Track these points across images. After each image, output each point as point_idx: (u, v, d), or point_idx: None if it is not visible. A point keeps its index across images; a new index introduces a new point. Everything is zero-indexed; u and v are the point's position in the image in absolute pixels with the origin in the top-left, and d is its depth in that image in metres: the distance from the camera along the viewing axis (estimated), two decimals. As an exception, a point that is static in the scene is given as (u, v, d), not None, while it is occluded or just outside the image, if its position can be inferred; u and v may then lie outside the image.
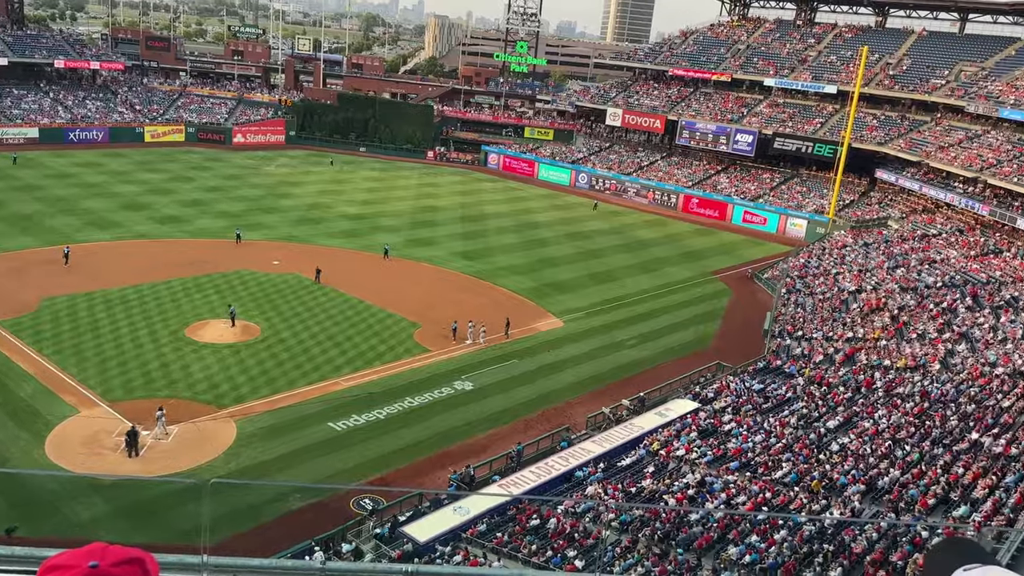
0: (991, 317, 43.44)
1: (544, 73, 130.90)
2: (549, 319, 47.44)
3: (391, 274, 52.48)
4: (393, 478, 28.99)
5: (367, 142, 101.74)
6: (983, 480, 24.82)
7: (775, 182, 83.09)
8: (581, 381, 39.29)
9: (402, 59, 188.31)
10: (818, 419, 33.14)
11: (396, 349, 40.44)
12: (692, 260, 63.81)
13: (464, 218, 71.34)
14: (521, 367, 40.08)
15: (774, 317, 49.09)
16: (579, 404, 36.68)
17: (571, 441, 32.10)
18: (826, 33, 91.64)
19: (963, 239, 59.85)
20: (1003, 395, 32.81)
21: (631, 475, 29.18)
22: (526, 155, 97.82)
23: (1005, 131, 66.37)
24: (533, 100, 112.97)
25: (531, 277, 54.96)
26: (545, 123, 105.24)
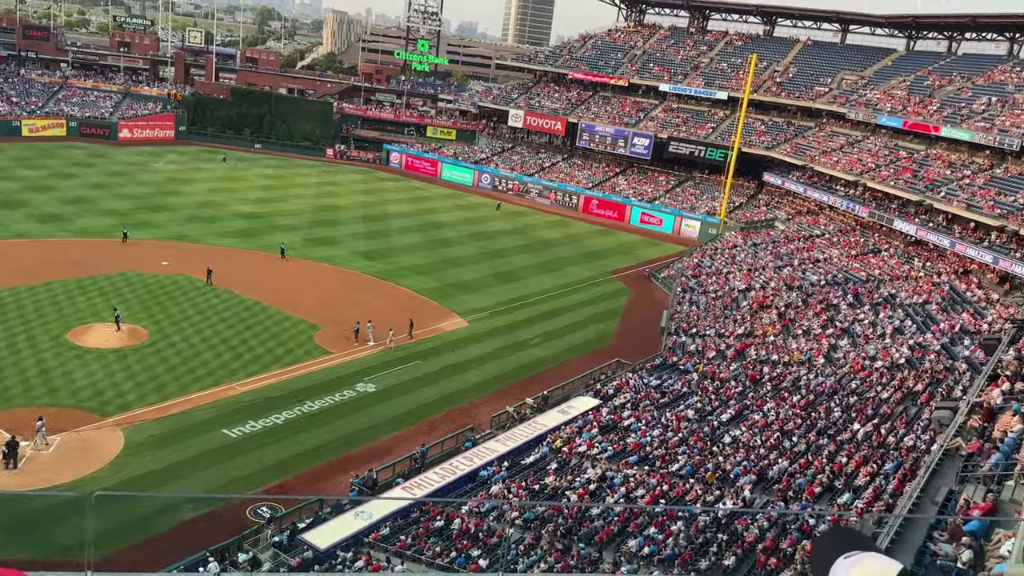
0: (871, 313, 46.09)
1: (446, 72, 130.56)
2: (453, 319, 47.36)
3: (289, 274, 51.18)
4: (292, 485, 28.25)
5: (262, 139, 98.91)
6: (864, 468, 26.28)
7: (670, 184, 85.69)
8: (486, 381, 39.40)
9: (299, 54, 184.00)
10: (712, 413, 34.35)
11: (295, 352, 39.45)
12: (593, 260, 65.02)
13: (366, 217, 70.36)
14: (425, 368, 39.84)
15: (670, 315, 50.57)
16: (484, 404, 36.76)
17: (476, 441, 32.13)
18: (718, 41, 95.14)
19: (844, 239, 63.30)
20: (882, 387, 34.84)
21: (535, 473, 29.44)
22: (429, 154, 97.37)
23: (883, 137, 70.58)
24: (435, 99, 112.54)
25: (435, 277, 54.72)
26: (448, 123, 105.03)
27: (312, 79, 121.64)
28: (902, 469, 24.79)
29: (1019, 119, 58.53)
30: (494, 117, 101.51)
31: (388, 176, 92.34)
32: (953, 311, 43.78)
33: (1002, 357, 24.41)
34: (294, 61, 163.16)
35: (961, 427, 19.99)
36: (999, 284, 47.49)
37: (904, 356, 38.25)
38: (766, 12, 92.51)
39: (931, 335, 40.28)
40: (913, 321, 43.41)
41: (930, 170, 61.75)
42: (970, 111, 63.39)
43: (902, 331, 42.31)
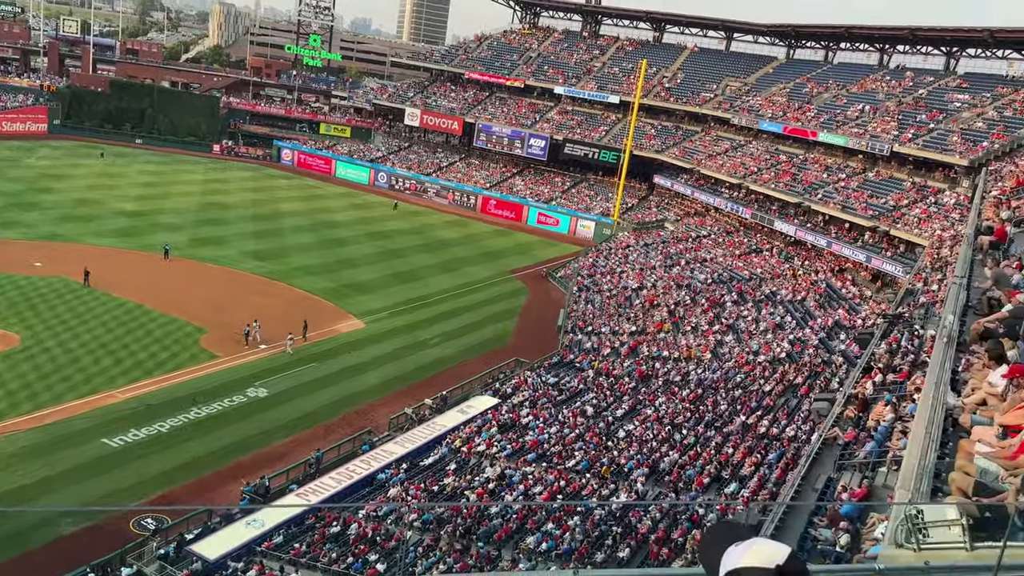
0: (754, 310, 48.21)
1: (339, 68, 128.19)
2: (350, 320, 46.51)
3: (173, 276, 48.96)
4: (179, 495, 27.03)
5: (144, 133, 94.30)
6: (750, 458, 27.47)
7: (566, 185, 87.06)
8: (384, 382, 38.88)
9: (184, 46, 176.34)
10: (607, 408, 35.11)
11: (180, 356, 37.79)
12: (491, 260, 65.26)
13: (256, 216, 68.17)
14: (321, 370, 38.94)
15: (567, 314, 51.37)
16: (382, 405, 36.28)
17: (373, 444, 31.68)
18: (609, 45, 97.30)
19: (729, 240, 65.98)
20: (765, 380, 36.50)
21: (433, 474, 29.29)
22: (322, 152, 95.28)
23: (764, 142, 73.95)
24: (328, 96, 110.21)
25: (329, 278, 53.58)
26: (342, 120, 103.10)
27: (197, 72, 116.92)
28: (784, 458, 26.04)
29: (889, 125, 62.54)
30: (390, 115, 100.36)
31: (279, 174, 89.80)
32: (829, 307, 46.34)
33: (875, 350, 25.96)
34: (178, 54, 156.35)
35: (838, 417, 21.12)
36: (871, 281, 50.61)
37: (785, 351, 40.19)
38: (655, 19, 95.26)
39: (809, 330, 42.49)
40: (793, 317, 45.68)
41: (808, 173, 65.15)
42: (844, 117, 67.27)
43: (783, 327, 44.46)
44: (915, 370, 19.83)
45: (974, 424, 7.53)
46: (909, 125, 61.41)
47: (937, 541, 4.79)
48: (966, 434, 7.38)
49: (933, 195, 54.61)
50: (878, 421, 17.61)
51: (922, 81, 68.26)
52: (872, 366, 23.84)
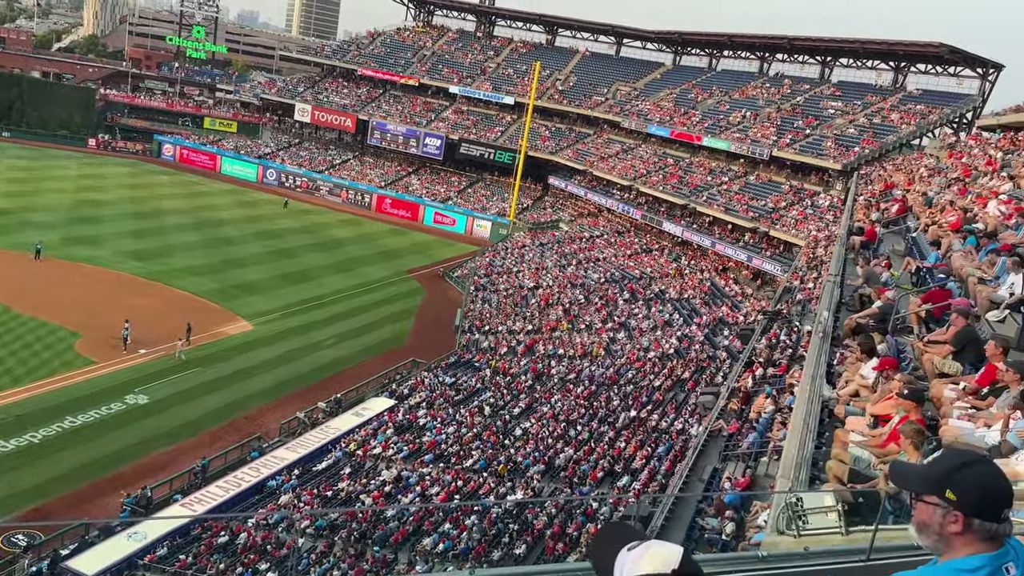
0: (644, 308, 49.60)
1: (225, 61, 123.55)
2: (238, 322, 44.89)
3: (44, 277, 45.94)
4: (53, 508, 25.37)
5: (12, 126, 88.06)
6: (641, 452, 28.22)
7: (462, 185, 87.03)
8: (275, 386, 37.71)
9: (56, 35, 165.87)
10: (504, 407, 35.31)
11: (52, 363, 35.49)
12: (387, 259, 64.42)
13: (136, 214, 64.83)
14: (206, 375, 37.40)
15: (464, 313, 51.36)
16: (272, 410, 35.20)
17: (263, 450, 30.73)
18: (504, 47, 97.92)
19: (621, 240, 67.66)
20: (655, 375, 37.61)
21: (327, 479, 28.68)
22: (207, 147, 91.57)
23: (653, 145, 76.20)
24: (213, 89, 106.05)
25: (215, 278, 51.56)
26: (228, 114, 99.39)
27: (71, 63, 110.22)
28: (673, 451, 26.90)
29: (768, 131, 65.63)
30: (279, 110, 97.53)
31: (160, 169, 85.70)
32: (714, 305, 48.22)
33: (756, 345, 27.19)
34: (49, 42, 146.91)
35: (723, 410, 22.00)
36: (753, 280, 53.00)
37: (673, 347, 41.54)
38: (548, 22, 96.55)
39: (696, 327, 44.08)
40: (680, 314, 47.29)
41: (694, 176, 67.60)
42: (727, 123, 70.13)
43: (671, 324, 45.95)
44: (793, 364, 20.88)
45: (848, 415, 7.97)
46: (787, 131, 64.65)
47: (815, 527, 5.03)
48: (841, 424, 7.80)
49: (809, 197, 57.72)
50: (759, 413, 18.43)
51: (799, 89, 71.98)
52: (753, 360, 24.95)
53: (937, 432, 6.58)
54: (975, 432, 6.30)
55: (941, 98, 62.50)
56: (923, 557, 2.73)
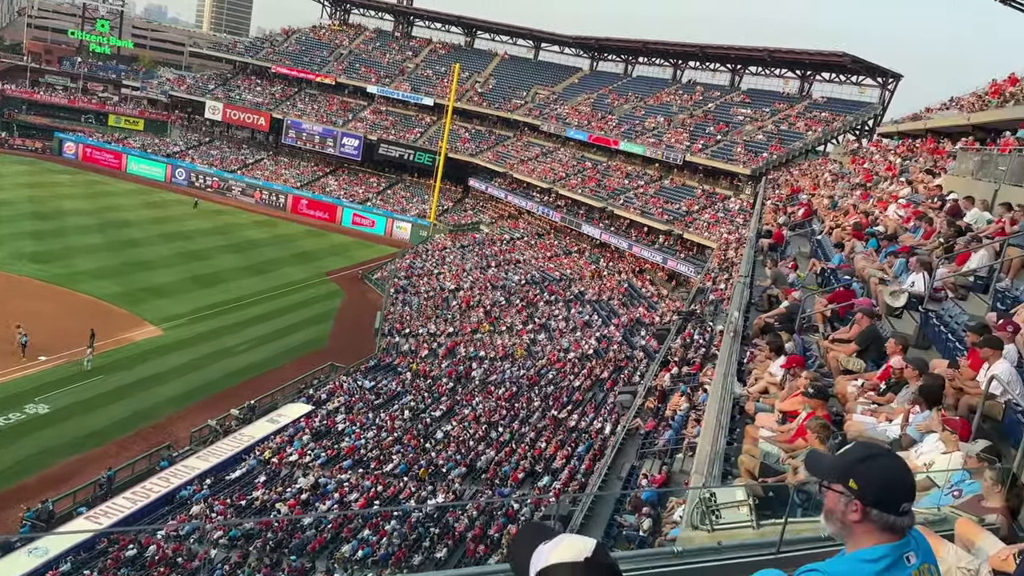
0: (564, 309, 50.12)
1: (131, 57, 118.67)
2: (145, 327, 43.17)
3: (-67, 281, 43.20)
4: (-59, 528, 23.87)
5: None
6: (561, 452, 28.49)
7: (382, 186, 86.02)
8: (185, 393, 36.39)
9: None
10: (424, 410, 35.08)
11: (-58, 372, 33.39)
12: (305, 261, 63.05)
13: (34, 215, 61.54)
14: (112, 382, 35.80)
15: (384, 316, 50.79)
16: (183, 418, 33.99)
17: (173, 459, 29.70)
18: (422, 47, 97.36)
19: (541, 242, 68.21)
20: (575, 376, 38.04)
21: (241, 487, 27.89)
22: (112, 146, 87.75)
23: (571, 149, 77.09)
24: (119, 85, 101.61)
25: (120, 282, 49.42)
26: (134, 111, 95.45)
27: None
28: (592, 450, 27.26)
29: (682, 137, 67.30)
30: (189, 108, 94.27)
31: (61, 168, 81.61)
32: (631, 305, 49.12)
33: (671, 345, 27.83)
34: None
35: (640, 409, 22.41)
36: (668, 281, 54.25)
37: (592, 347, 42.13)
38: (467, 24, 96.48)
39: (614, 327, 44.81)
40: (599, 315, 48.00)
41: (611, 180, 68.72)
42: (643, 128, 71.59)
43: (590, 324, 46.59)
44: (706, 362, 21.44)
45: (758, 411, 8.21)
46: (699, 136, 66.46)
47: (728, 521, 5.15)
48: (751, 420, 8.04)
49: (720, 201, 59.47)
50: (675, 411, 18.84)
51: (711, 96, 74.10)
52: (669, 360, 25.51)
53: (842, 427, 6.84)
54: (877, 427, 6.57)
55: (844, 106, 65.40)
56: (831, 549, 2.81)
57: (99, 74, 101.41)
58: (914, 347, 8.89)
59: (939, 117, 33.15)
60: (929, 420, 6.14)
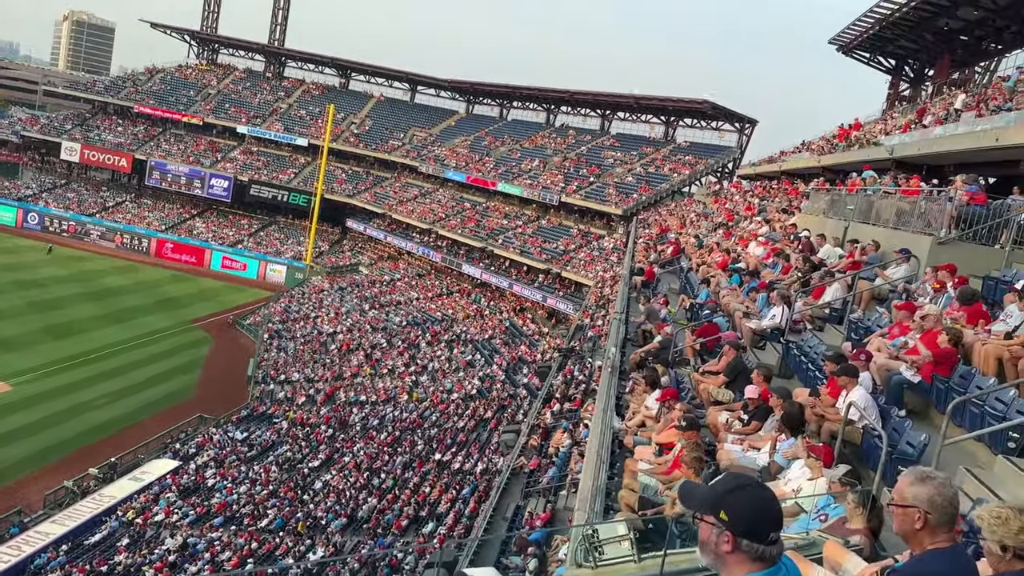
0: (446, 350, 49.85)
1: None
2: (-11, 384, 39.70)
3: None
4: None
5: None
6: (446, 495, 28.05)
7: (254, 228, 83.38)
8: (37, 453, 33.58)
9: None
10: (302, 460, 33.81)
11: None
12: (169, 308, 59.94)
13: None
14: (-51, 446, 32.62)
15: (257, 363, 48.87)
16: (35, 481, 31.36)
17: (25, 525, 27.25)
18: (295, 88, 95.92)
19: (422, 282, 67.87)
20: (459, 417, 37.74)
21: (102, 552, 25.88)
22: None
23: (450, 189, 77.54)
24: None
25: (-38, 335, 45.42)
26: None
27: None
28: (478, 491, 26.99)
29: (556, 178, 69.06)
30: (43, 149, 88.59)
31: None
32: (513, 344, 49.47)
33: (553, 381, 28.11)
34: None
35: (524, 447, 22.43)
36: (548, 319, 55.08)
37: (475, 387, 42.02)
38: (341, 65, 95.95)
39: (496, 367, 44.93)
40: (482, 355, 48.03)
41: (490, 220, 69.51)
42: (520, 169, 73.03)
43: (473, 364, 46.51)
44: (587, 398, 21.76)
45: (636, 444, 8.36)
46: (573, 178, 68.45)
47: (611, 557, 5.16)
48: (630, 454, 8.16)
49: (595, 240, 61.23)
50: (558, 448, 18.95)
51: (583, 139, 76.62)
52: (551, 396, 25.74)
53: (714, 456, 7.05)
54: (746, 455, 6.80)
55: (706, 149, 69.15)
56: (707, 581, 2.83)
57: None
58: (777, 376, 9.33)
59: (792, 160, 35.56)
60: (795, 447, 6.42)
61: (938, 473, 3.21)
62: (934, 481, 3.09)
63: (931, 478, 3.11)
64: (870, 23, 38.15)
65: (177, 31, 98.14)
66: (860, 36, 40.34)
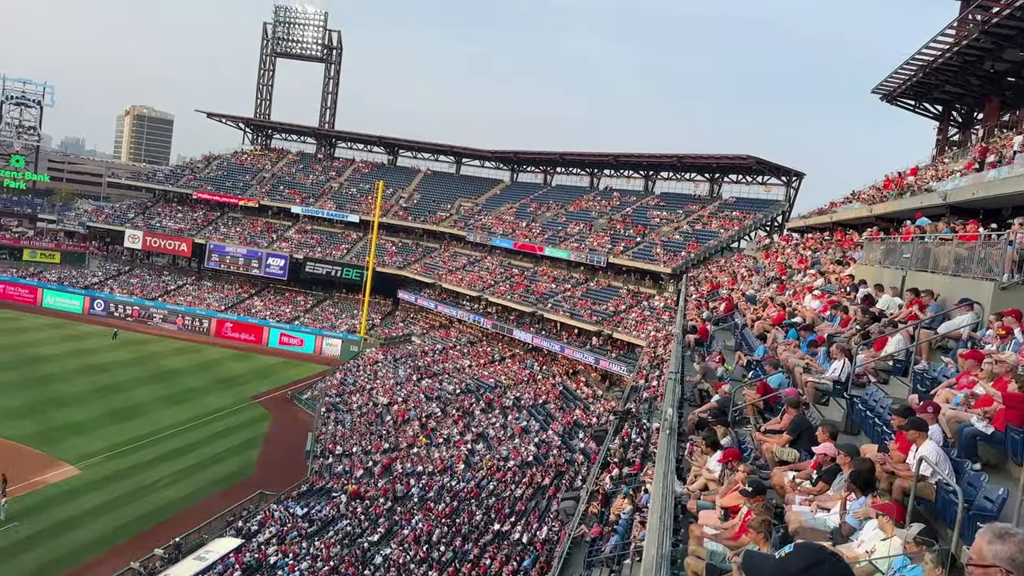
0: (501, 416, 49.59)
1: (47, 190, 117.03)
2: (61, 468, 40.70)
3: None
4: None
5: None
6: (507, 567, 27.52)
7: (309, 304, 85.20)
8: (104, 536, 34.15)
9: None
10: (361, 535, 33.64)
11: None
12: (229, 387, 61.12)
13: (-62, 356, 58.43)
14: (27, 529, 33.37)
15: (315, 437, 49.25)
16: (103, 563, 31.76)
17: (90, 610, 27.45)
18: (345, 167, 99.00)
19: (474, 350, 68.04)
20: (516, 484, 37.27)
21: (167, 635, 25.88)
22: (26, 280, 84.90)
23: (498, 256, 78.36)
24: (34, 219, 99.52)
25: (34, 420, 46.82)
26: (50, 244, 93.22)
27: None
28: (539, 563, 26.43)
29: (603, 239, 69.29)
30: (107, 238, 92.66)
31: (-29, 306, 78.31)
32: (567, 408, 48.99)
33: (610, 445, 27.65)
34: None
35: (584, 514, 21.98)
36: (602, 381, 54.52)
37: (531, 453, 41.55)
38: (388, 143, 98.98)
39: (552, 432, 44.45)
40: (536, 420, 47.63)
41: (539, 285, 69.80)
42: (566, 233, 73.53)
43: (528, 430, 46.11)
44: (646, 461, 21.34)
45: (700, 508, 8.16)
46: (620, 239, 68.57)
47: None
48: (694, 519, 7.97)
49: (646, 300, 60.86)
50: (618, 514, 18.53)
51: (628, 200, 77.01)
52: (609, 461, 25.29)
53: (783, 519, 6.84)
54: (816, 516, 6.59)
55: (753, 204, 68.78)
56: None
57: (14, 209, 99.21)
58: (843, 433, 9.08)
59: (843, 210, 35.13)
60: (866, 506, 6.21)
61: (1019, 530, 3.08)
62: (1015, 538, 2.95)
63: (1011, 535, 2.97)
64: (913, 71, 37.90)
65: (232, 119, 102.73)
66: (903, 84, 40.06)
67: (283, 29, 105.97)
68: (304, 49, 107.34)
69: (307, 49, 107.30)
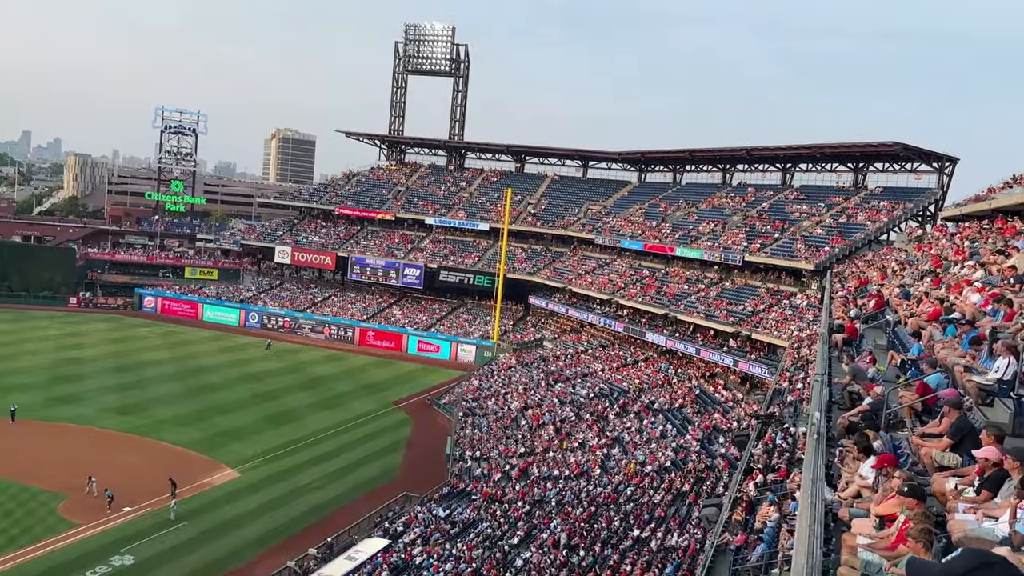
0: (636, 421, 49.03)
1: (204, 212, 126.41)
2: (223, 471, 43.76)
3: (23, 440, 44.87)
4: None
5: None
6: (648, 574, 27.16)
7: (444, 312, 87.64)
8: (262, 535, 36.37)
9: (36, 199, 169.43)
10: (501, 537, 34.14)
11: (34, 529, 34.14)
12: (373, 392, 63.82)
13: (118, 368, 64.22)
14: (192, 530, 36.06)
15: (454, 441, 50.49)
16: (261, 561, 33.79)
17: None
18: (475, 177, 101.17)
19: (606, 353, 67.66)
20: (654, 491, 36.73)
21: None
22: (188, 296, 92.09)
23: (627, 259, 77.62)
24: (193, 239, 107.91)
25: (199, 427, 50.63)
26: (208, 262, 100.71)
27: (51, 224, 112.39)
28: (681, 570, 25.91)
29: (738, 237, 67.18)
30: (259, 254, 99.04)
31: (141, 322, 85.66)
32: (706, 412, 47.78)
33: (753, 451, 26.76)
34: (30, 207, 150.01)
35: (727, 522, 21.38)
36: (741, 384, 52.81)
37: (669, 459, 40.81)
38: (516, 151, 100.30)
39: (690, 436, 43.49)
40: (673, 425, 46.74)
41: (671, 286, 68.51)
42: (697, 232, 71.83)
43: (665, 435, 45.33)
44: (792, 467, 20.51)
45: (853, 517, 7.78)
46: (756, 236, 66.22)
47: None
48: (847, 528, 7.61)
49: (786, 298, 58.45)
50: (764, 522, 17.92)
51: (763, 195, 74.27)
52: (752, 467, 24.47)
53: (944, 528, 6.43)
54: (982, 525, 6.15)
55: (902, 194, 64.65)
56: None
57: (175, 230, 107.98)
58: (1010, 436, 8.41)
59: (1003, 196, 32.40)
60: (1040, 515, 5.73)
61: None
62: None
63: None
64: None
65: (368, 137, 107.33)
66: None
67: (413, 47, 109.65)
68: (433, 65, 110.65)
69: (436, 64, 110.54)
